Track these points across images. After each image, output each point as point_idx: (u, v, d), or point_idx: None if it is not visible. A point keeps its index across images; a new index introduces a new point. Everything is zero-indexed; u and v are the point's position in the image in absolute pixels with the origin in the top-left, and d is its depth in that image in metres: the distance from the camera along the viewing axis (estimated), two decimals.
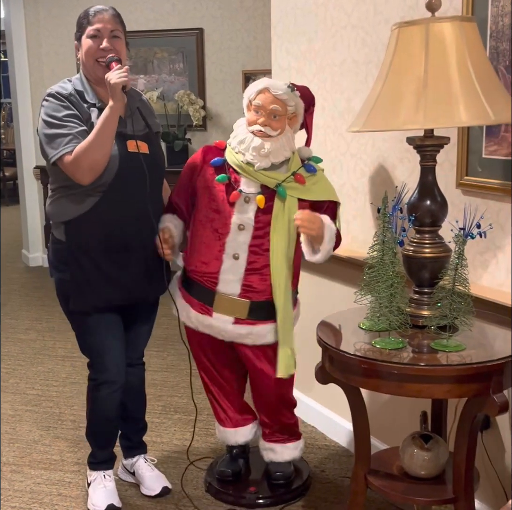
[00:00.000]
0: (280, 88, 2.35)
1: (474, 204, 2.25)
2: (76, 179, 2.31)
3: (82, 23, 2.38)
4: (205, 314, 2.46)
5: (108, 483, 2.66)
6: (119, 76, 2.25)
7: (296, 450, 2.71)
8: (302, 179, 2.39)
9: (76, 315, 2.50)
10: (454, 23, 1.92)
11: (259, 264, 2.40)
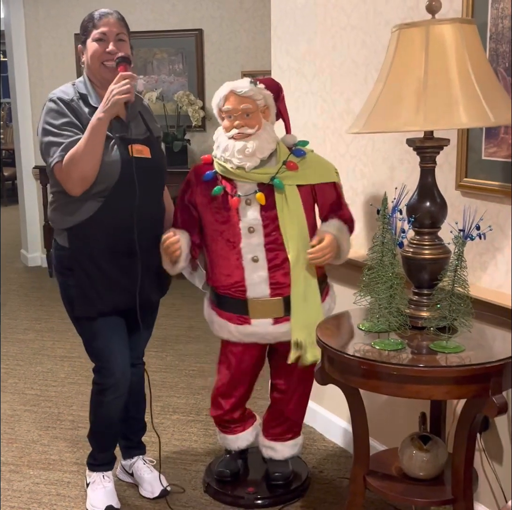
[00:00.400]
0: (244, 86, 2.36)
1: (474, 206, 2.25)
2: (67, 189, 2.31)
3: (87, 27, 2.38)
4: (244, 324, 2.46)
5: (107, 483, 2.66)
6: (123, 92, 2.23)
7: (296, 447, 2.72)
8: (294, 166, 2.40)
9: (82, 320, 2.50)
10: (454, 25, 1.92)
11: (279, 259, 2.41)
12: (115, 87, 2.25)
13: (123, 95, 2.23)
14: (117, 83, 2.25)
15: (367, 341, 2.03)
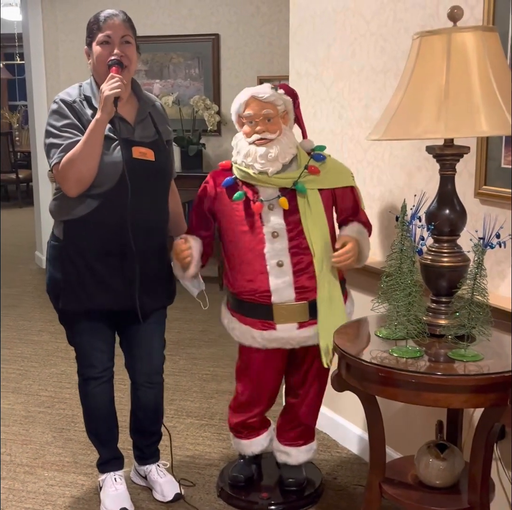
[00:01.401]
0: (265, 92, 2.37)
1: (493, 214, 2.24)
2: (63, 189, 2.32)
3: (93, 29, 2.35)
4: (268, 330, 2.45)
5: (119, 486, 2.67)
6: (111, 87, 2.22)
7: (310, 452, 2.72)
8: (316, 170, 2.41)
9: (66, 313, 2.51)
10: (477, 33, 1.92)
11: (304, 263, 2.41)
12: (105, 85, 2.24)
13: (112, 91, 2.22)
14: (107, 82, 2.25)
15: (384, 348, 2.03)
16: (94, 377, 2.58)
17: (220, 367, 4.06)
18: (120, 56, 2.31)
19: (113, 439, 2.72)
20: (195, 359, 4.21)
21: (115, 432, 2.73)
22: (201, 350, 4.36)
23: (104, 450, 2.70)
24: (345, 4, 2.90)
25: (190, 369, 4.06)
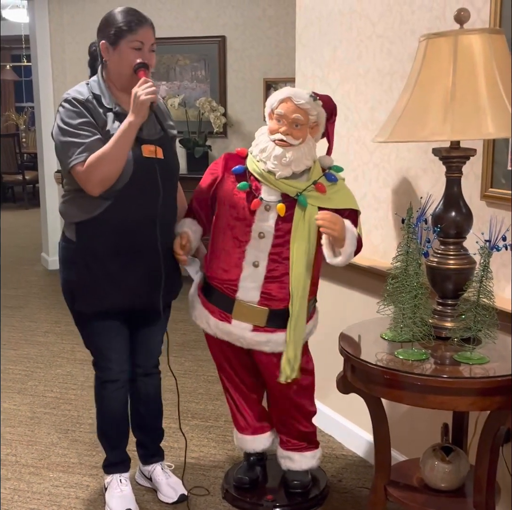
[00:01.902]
0: (303, 97, 2.35)
1: (499, 216, 2.24)
2: (86, 189, 2.31)
3: (121, 29, 2.30)
4: (224, 321, 2.47)
5: (124, 487, 2.67)
6: (147, 92, 2.23)
7: (314, 459, 2.70)
8: (323, 188, 2.39)
9: (81, 315, 2.51)
10: (483, 35, 1.92)
11: (279, 272, 2.40)
12: (140, 89, 2.24)
13: (149, 96, 2.23)
14: (141, 86, 2.25)
15: (390, 350, 2.03)
16: (111, 380, 2.57)
17: None
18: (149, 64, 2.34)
19: (123, 442, 2.72)
20: (201, 361, 4.21)
21: (127, 436, 2.73)
22: (207, 352, 4.30)
23: (113, 453, 2.71)
24: (351, 6, 2.90)
25: (195, 371, 4.06)
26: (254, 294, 2.42)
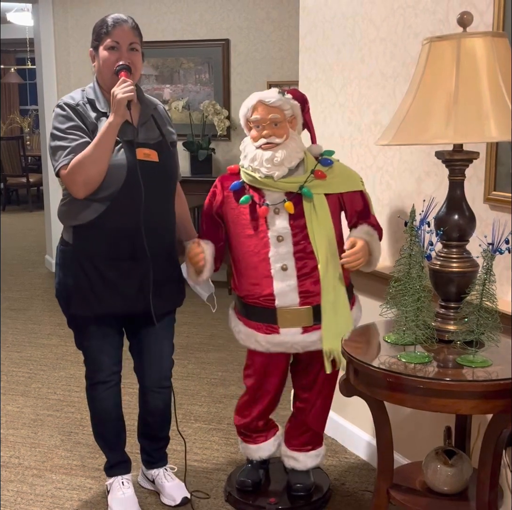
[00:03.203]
0: (272, 96, 2.37)
1: (502, 219, 2.24)
2: (71, 192, 2.32)
3: (100, 33, 2.35)
4: (272, 334, 2.46)
5: (127, 490, 2.67)
6: (124, 91, 2.23)
7: (318, 458, 2.71)
8: (322, 174, 2.41)
9: (75, 318, 2.51)
10: (486, 39, 1.92)
11: (308, 267, 2.41)
12: (117, 88, 2.25)
13: (125, 94, 2.23)
14: (119, 86, 2.26)
15: (393, 353, 2.02)
16: (102, 381, 2.59)
17: (229, 372, 4.06)
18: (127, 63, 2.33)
19: (120, 443, 2.72)
20: (204, 364, 4.22)
21: (123, 436, 2.73)
22: (210, 355, 4.36)
23: (112, 454, 2.71)
24: (354, 9, 2.91)
25: (198, 374, 4.06)
26: (293, 297, 2.42)
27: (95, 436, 2.73)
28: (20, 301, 5.62)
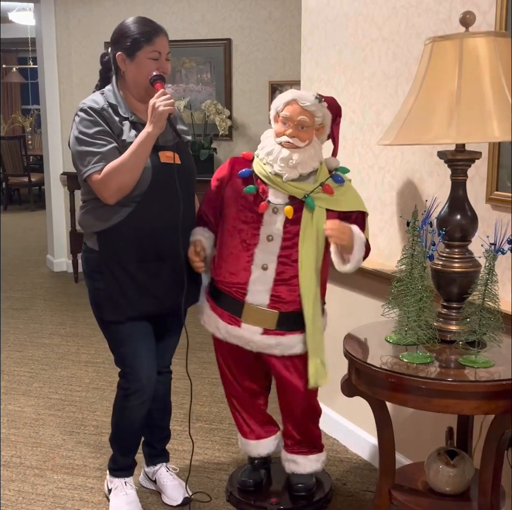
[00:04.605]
0: (308, 99, 2.35)
1: (504, 219, 2.23)
2: (102, 198, 2.33)
3: (139, 40, 2.33)
4: (233, 325, 2.46)
5: (130, 490, 2.67)
6: (166, 104, 2.26)
7: (318, 463, 2.69)
8: (330, 190, 2.39)
9: (110, 325, 2.50)
10: (489, 38, 1.91)
11: (288, 274, 2.40)
12: (158, 100, 2.27)
13: (168, 107, 2.26)
14: (159, 98, 2.27)
15: (395, 353, 2.02)
16: (138, 391, 2.53)
17: None
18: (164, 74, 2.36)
19: (135, 450, 2.71)
20: (205, 363, 4.21)
21: (138, 444, 2.73)
22: (211, 354, 4.32)
23: (124, 458, 2.69)
24: (357, 9, 2.90)
25: (200, 373, 4.06)
26: (263, 297, 2.42)
27: (112, 440, 2.70)
28: (22, 301, 5.62)
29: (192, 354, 4.32)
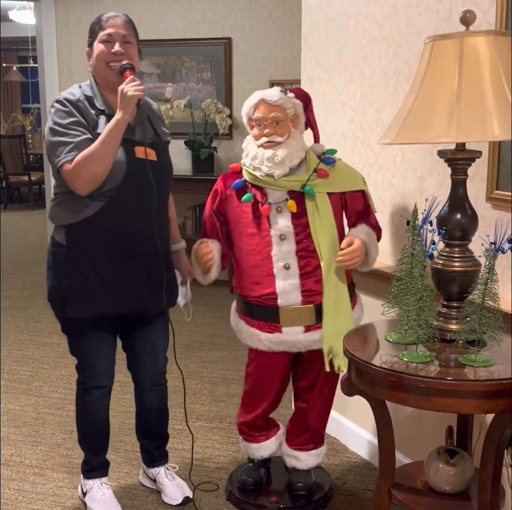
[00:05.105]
0: (274, 95, 2.37)
1: (505, 219, 2.23)
2: (74, 188, 2.28)
3: (95, 29, 2.36)
4: (274, 332, 2.45)
5: (106, 490, 2.65)
6: (135, 89, 2.23)
7: (319, 457, 2.71)
8: (325, 173, 2.41)
9: (71, 321, 2.46)
10: (489, 37, 1.91)
11: (311, 266, 2.40)
12: (127, 86, 2.24)
13: (137, 92, 2.23)
14: (128, 84, 2.24)
15: (394, 353, 2.02)
16: (98, 386, 2.55)
17: (230, 371, 4.06)
18: (121, 54, 2.31)
19: (106, 447, 2.70)
20: (205, 362, 4.22)
21: (108, 440, 2.71)
22: (211, 353, 4.36)
23: (95, 458, 2.68)
24: (357, 8, 2.90)
25: (200, 372, 4.06)
26: (295, 296, 2.41)
27: (81, 440, 2.69)
28: (22, 300, 5.62)
29: (192, 353, 4.35)
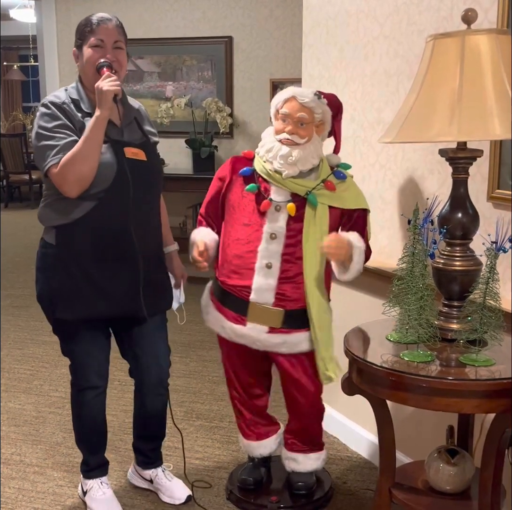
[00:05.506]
0: (307, 96, 2.35)
1: (506, 218, 2.23)
2: (63, 191, 2.26)
3: (84, 32, 2.32)
4: (239, 324, 2.45)
5: (106, 489, 2.65)
6: (111, 84, 2.21)
7: (318, 461, 2.69)
8: (332, 186, 2.38)
9: (62, 323, 2.44)
10: (490, 36, 1.91)
11: (292, 272, 2.39)
12: (103, 82, 2.22)
13: (112, 87, 2.21)
14: (104, 80, 2.23)
15: (395, 352, 2.02)
16: (92, 387, 2.54)
17: None
18: (112, 61, 2.30)
19: (103, 446, 2.70)
20: (206, 361, 4.21)
21: (106, 439, 2.71)
22: (212, 352, 4.35)
23: (94, 458, 2.68)
24: (358, 7, 2.89)
25: (200, 371, 4.06)
26: (268, 296, 2.40)
27: (78, 441, 2.68)
28: (22, 298, 5.62)
29: (192, 352, 4.35)
